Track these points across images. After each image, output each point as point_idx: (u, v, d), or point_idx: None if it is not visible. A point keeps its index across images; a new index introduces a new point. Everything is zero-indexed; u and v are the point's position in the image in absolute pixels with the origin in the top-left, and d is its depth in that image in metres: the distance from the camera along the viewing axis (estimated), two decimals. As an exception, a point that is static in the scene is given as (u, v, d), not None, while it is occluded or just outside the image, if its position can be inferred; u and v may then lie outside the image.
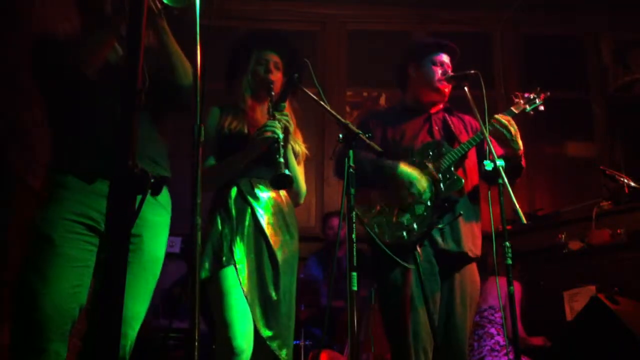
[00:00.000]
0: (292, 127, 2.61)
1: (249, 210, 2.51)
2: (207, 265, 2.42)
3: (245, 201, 2.52)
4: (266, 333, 2.39)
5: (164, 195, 2.18)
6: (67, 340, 1.91)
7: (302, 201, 2.74)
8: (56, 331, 1.87)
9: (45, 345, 1.85)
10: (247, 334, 2.35)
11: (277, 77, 2.69)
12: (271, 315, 2.42)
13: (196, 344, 1.44)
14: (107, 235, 1.18)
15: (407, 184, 2.72)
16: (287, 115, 2.57)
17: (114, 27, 2.07)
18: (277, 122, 2.49)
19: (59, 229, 1.94)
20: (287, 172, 2.36)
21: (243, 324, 2.34)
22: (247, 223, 2.49)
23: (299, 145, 2.71)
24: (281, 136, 2.45)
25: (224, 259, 2.41)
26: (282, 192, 2.63)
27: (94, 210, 2.01)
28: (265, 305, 2.43)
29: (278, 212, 2.58)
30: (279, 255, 2.49)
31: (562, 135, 5.81)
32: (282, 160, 2.39)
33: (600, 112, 5.71)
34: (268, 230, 2.51)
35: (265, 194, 2.57)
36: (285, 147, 2.49)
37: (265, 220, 2.52)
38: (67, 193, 2.00)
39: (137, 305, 2.04)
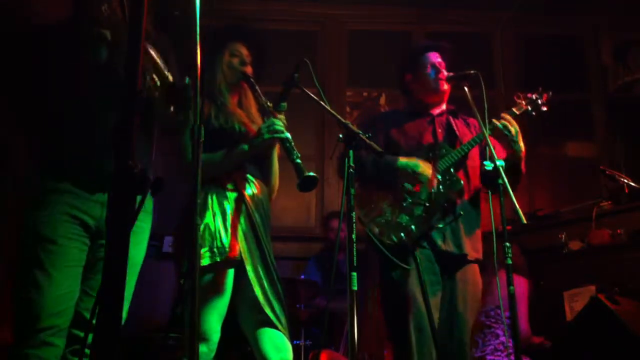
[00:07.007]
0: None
1: (244, 208, 2.43)
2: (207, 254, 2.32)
3: (240, 198, 2.44)
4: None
5: (149, 200, 2.16)
6: (65, 335, 1.95)
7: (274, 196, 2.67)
8: (56, 327, 1.92)
9: (46, 339, 1.89)
10: (218, 331, 2.33)
11: (249, 70, 2.61)
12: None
13: (196, 343, 1.44)
14: (107, 235, 1.18)
15: (411, 172, 2.73)
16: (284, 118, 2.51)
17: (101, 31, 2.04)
18: (281, 121, 2.45)
19: (59, 229, 1.97)
20: (312, 173, 2.32)
21: (218, 323, 2.32)
22: (242, 222, 2.41)
23: None
24: (290, 137, 2.42)
25: (217, 258, 2.31)
26: (264, 189, 2.56)
27: (87, 216, 2.03)
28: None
29: (262, 211, 2.50)
30: (271, 261, 2.43)
31: (562, 135, 5.80)
32: (300, 161, 2.35)
33: (600, 112, 5.70)
34: (259, 231, 2.43)
35: (250, 191, 2.49)
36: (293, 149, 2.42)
37: (256, 220, 2.44)
38: (62, 197, 2.01)
39: None
